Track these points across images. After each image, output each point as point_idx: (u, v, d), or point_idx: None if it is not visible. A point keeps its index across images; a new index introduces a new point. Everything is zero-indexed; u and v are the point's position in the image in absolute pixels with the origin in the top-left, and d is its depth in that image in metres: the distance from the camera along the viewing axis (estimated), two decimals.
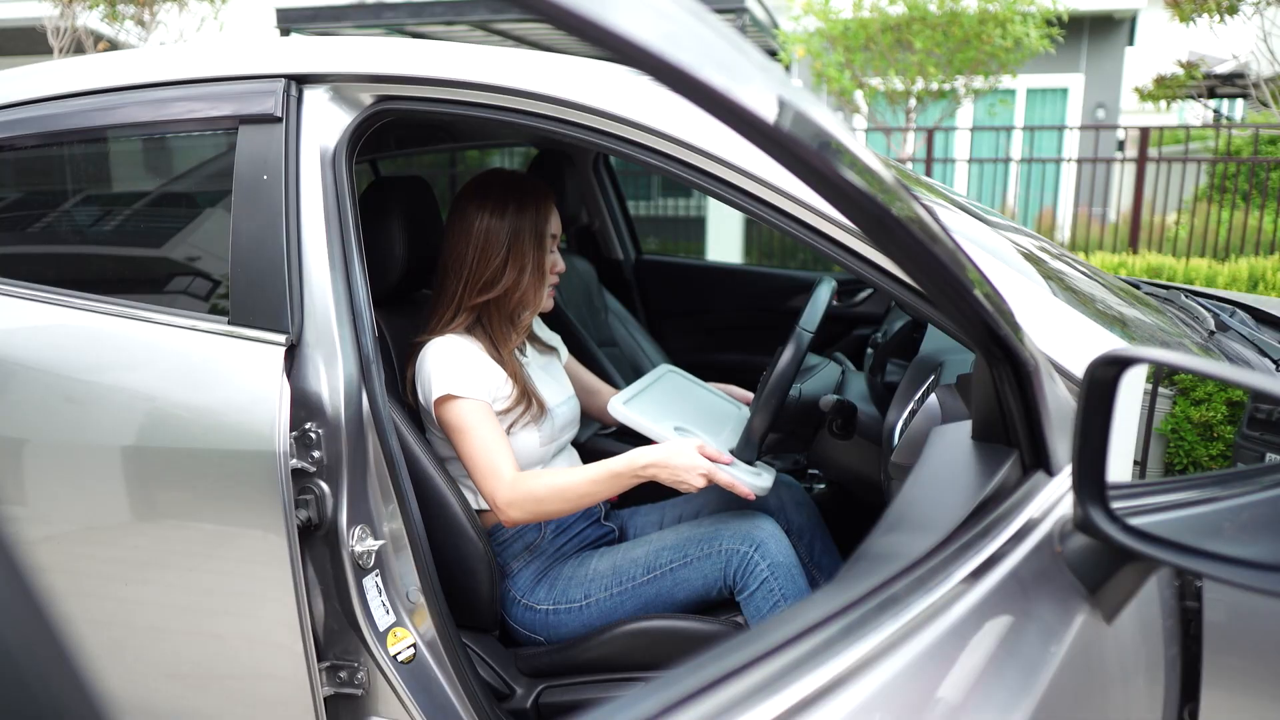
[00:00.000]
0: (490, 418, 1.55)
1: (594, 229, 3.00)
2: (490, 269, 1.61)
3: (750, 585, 1.52)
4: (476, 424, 1.53)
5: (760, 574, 1.52)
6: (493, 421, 1.55)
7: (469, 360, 1.57)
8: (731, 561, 1.53)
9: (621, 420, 1.60)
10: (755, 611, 1.52)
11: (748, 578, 1.52)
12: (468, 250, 1.62)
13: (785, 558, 1.54)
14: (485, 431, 1.52)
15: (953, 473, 0.98)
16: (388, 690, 1.39)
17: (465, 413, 1.53)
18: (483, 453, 1.51)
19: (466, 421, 1.53)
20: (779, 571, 1.52)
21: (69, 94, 1.52)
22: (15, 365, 1.47)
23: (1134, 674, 0.94)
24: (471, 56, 1.36)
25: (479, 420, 1.53)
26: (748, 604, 1.53)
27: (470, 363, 1.57)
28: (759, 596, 1.52)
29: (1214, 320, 1.67)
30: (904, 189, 0.72)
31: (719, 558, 1.54)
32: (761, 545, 1.53)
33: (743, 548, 1.53)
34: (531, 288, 1.64)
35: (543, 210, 1.66)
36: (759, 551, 1.53)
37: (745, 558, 1.53)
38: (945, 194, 1.71)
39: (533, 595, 1.62)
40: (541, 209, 1.65)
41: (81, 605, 1.47)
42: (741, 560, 1.53)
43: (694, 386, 1.92)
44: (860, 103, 7.91)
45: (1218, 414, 1.24)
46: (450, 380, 1.53)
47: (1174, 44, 9.24)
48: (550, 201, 1.68)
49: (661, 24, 0.53)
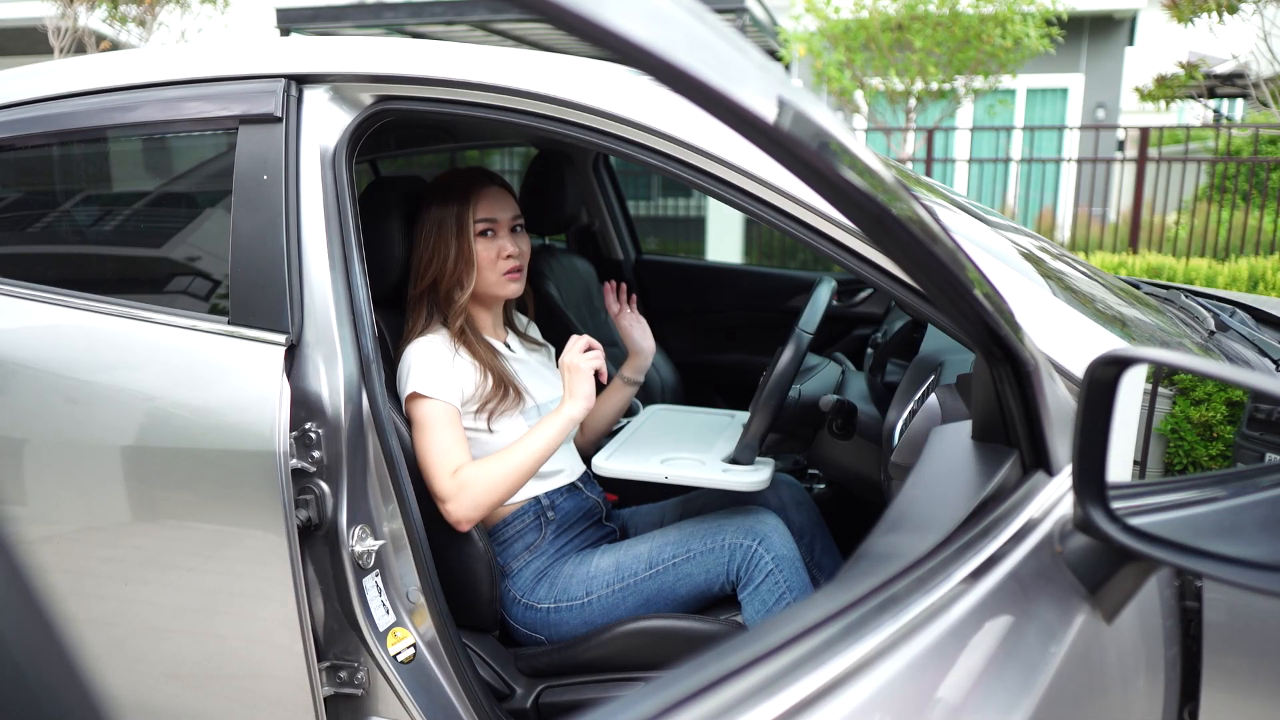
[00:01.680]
0: (452, 423, 1.56)
1: (594, 229, 2.99)
2: (422, 261, 1.68)
3: (755, 578, 1.53)
4: (435, 424, 1.54)
5: (765, 566, 1.53)
6: (454, 427, 1.56)
7: (440, 361, 1.59)
8: (735, 555, 1.54)
9: (608, 476, 1.64)
10: (760, 604, 1.53)
11: (752, 570, 1.53)
12: (412, 250, 1.69)
13: (789, 550, 1.55)
14: (441, 433, 1.54)
15: (953, 473, 0.98)
16: (388, 690, 1.39)
17: (428, 412, 1.55)
18: (433, 452, 1.53)
19: (427, 420, 1.55)
20: (783, 564, 1.53)
21: (69, 94, 1.52)
22: (16, 365, 1.47)
23: (1134, 674, 0.94)
24: (471, 56, 1.36)
25: (438, 421, 1.55)
26: (752, 597, 1.53)
27: (440, 363, 1.59)
28: (764, 589, 1.52)
29: (1214, 320, 1.67)
30: (904, 189, 0.72)
31: (723, 551, 1.55)
32: (765, 538, 1.55)
33: (746, 541, 1.54)
34: (462, 273, 1.66)
35: (470, 198, 1.67)
36: (763, 545, 1.54)
37: (749, 551, 1.54)
38: (945, 194, 1.71)
39: (533, 594, 1.62)
40: (469, 197, 1.67)
41: (82, 605, 1.47)
42: (746, 553, 1.53)
43: (681, 414, 1.94)
44: (860, 102, 7.91)
45: (1218, 414, 1.24)
46: (419, 379, 1.56)
47: (1174, 44, 9.23)
48: (481, 188, 1.69)
49: (661, 24, 0.53)
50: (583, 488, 1.74)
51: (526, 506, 1.65)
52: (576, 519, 1.71)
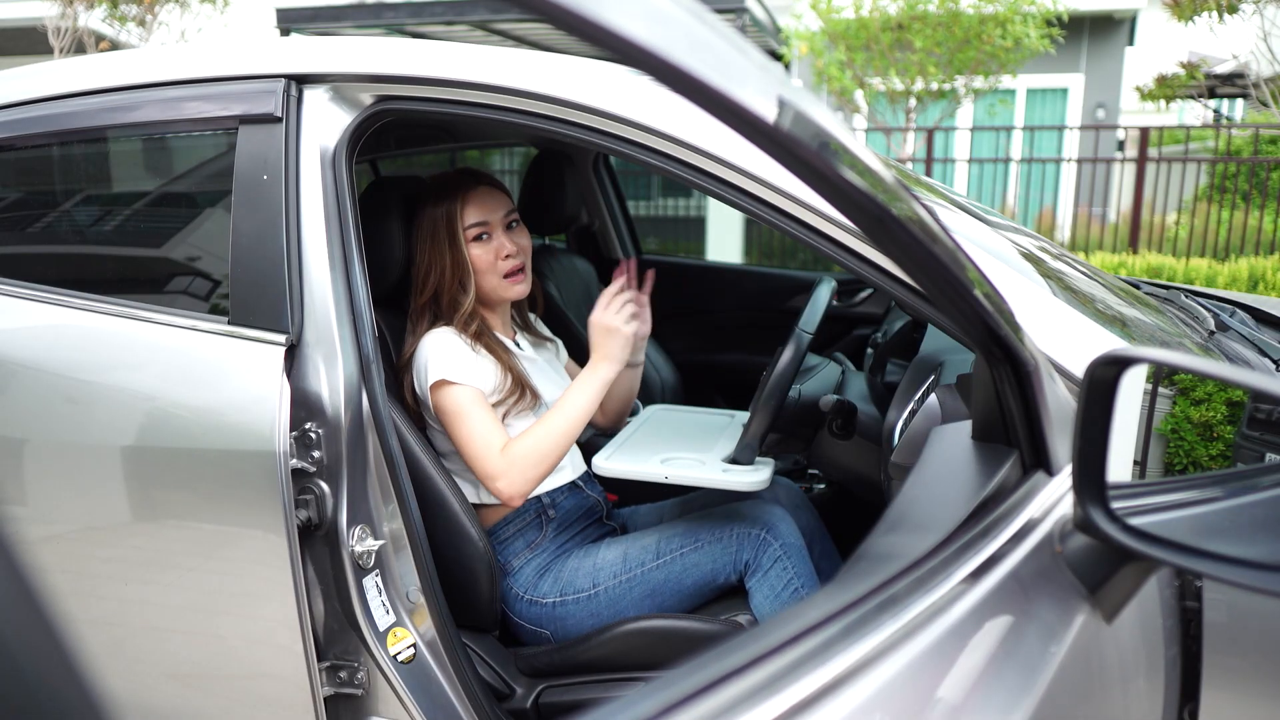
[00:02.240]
0: (484, 404, 1.56)
1: (594, 229, 2.99)
2: (421, 273, 1.66)
3: (764, 565, 1.54)
4: (470, 408, 1.54)
5: (774, 553, 1.54)
6: (486, 407, 1.56)
7: (460, 348, 1.59)
8: (744, 544, 1.55)
9: (608, 475, 1.63)
10: (769, 590, 1.53)
11: (760, 557, 1.54)
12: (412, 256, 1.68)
13: (796, 540, 1.57)
14: (479, 415, 1.54)
15: (953, 473, 0.98)
16: (388, 690, 1.39)
17: (459, 398, 1.55)
18: (476, 435, 1.53)
19: (461, 405, 1.54)
20: (791, 552, 1.55)
21: (69, 94, 1.52)
22: (16, 365, 1.47)
23: (1134, 674, 0.94)
24: (471, 56, 1.36)
25: (472, 405, 1.55)
26: (761, 584, 1.54)
27: (461, 350, 1.59)
28: (773, 575, 1.53)
29: (1214, 320, 1.67)
30: (904, 189, 0.72)
31: (730, 541, 1.56)
32: (773, 527, 1.57)
33: (755, 529, 1.56)
34: (462, 281, 1.65)
35: (458, 203, 1.65)
36: (771, 533, 1.56)
37: (758, 538, 1.55)
38: (945, 194, 1.71)
39: (537, 590, 1.62)
40: (457, 202, 1.65)
41: (82, 605, 1.47)
42: (755, 541, 1.55)
43: (681, 414, 1.94)
44: (860, 102, 7.91)
45: (1218, 414, 1.24)
46: (444, 367, 1.55)
47: (1174, 44, 9.22)
48: (468, 191, 1.66)
49: (661, 24, 0.53)
50: (583, 486, 1.74)
51: (527, 505, 1.65)
52: (577, 517, 1.71)
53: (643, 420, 1.89)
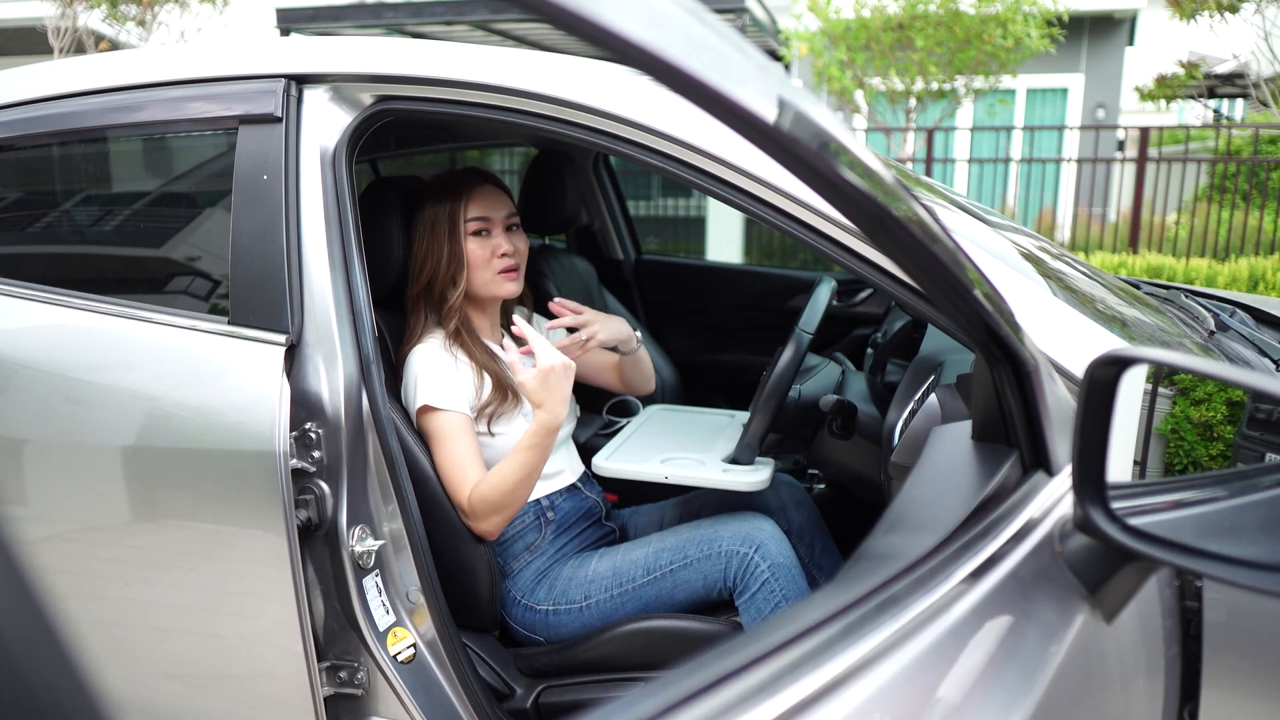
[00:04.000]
0: (466, 432, 1.56)
1: (594, 229, 2.99)
2: (417, 261, 1.67)
3: (751, 587, 1.52)
4: (450, 436, 1.54)
5: (761, 575, 1.52)
6: (468, 436, 1.56)
7: (443, 368, 1.59)
8: (731, 563, 1.53)
9: (608, 475, 1.63)
10: (756, 613, 1.52)
11: (748, 579, 1.52)
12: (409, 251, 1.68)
13: (785, 558, 1.54)
14: (458, 447, 1.54)
15: (953, 473, 0.98)
16: (388, 690, 1.39)
17: (441, 424, 1.55)
18: (452, 468, 1.53)
19: (442, 433, 1.55)
20: (779, 573, 1.52)
21: (68, 94, 1.52)
22: (16, 365, 1.47)
23: (1134, 674, 0.94)
24: (471, 56, 1.36)
25: (453, 433, 1.55)
26: (749, 606, 1.53)
27: (445, 371, 1.58)
28: (760, 598, 1.52)
29: (1214, 320, 1.67)
30: (904, 189, 0.72)
31: (719, 559, 1.54)
32: (761, 546, 1.53)
33: (742, 549, 1.53)
34: (455, 272, 1.65)
35: (463, 197, 1.66)
36: (759, 553, 1.53)
37: (745, 559, 1.53)
38: (945, 194, 1.71)
39: (533, 595, 1.62)
40: (462, 196, 1.66)
41: (82, 605, 1.47)
42: (742, 561, 1.53)
43: (681, 414, 1.94)
44: (860, 102, 7.91)
45: (1218, 414, 1.24)
46: (428, 391, 1.55)
47: (1174, 44, 9.23)
48: (474, 187, 1.67)
49: (661, 24, 0.53)
50: (582, 488, 1.74)
51: (526, 508, 1.65)
52: (576, 519, 1.71)
53: (643, 420, 1.89)
